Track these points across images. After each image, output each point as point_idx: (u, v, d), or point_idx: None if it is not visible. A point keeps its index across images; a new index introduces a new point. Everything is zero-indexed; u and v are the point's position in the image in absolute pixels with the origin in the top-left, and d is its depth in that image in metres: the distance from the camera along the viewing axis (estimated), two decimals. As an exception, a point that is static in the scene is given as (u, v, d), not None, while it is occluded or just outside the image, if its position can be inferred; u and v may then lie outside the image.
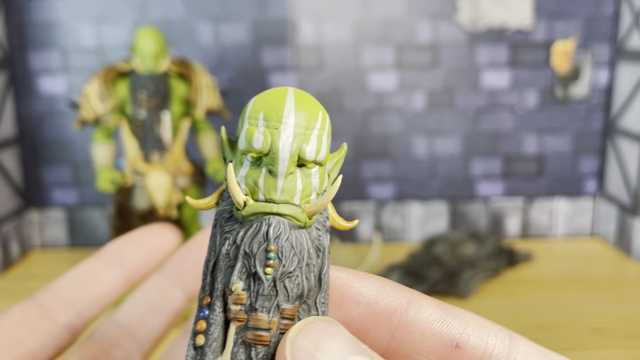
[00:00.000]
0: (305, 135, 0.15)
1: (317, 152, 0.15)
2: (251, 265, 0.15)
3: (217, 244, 0.15)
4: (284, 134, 0.15)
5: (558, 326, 0.68)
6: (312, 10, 0.89)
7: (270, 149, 0.15)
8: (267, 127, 0.15)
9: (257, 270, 0.15)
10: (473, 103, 0.93)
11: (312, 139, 0.15)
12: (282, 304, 0.15)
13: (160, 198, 0.68)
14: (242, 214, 0.15)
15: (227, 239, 0.15)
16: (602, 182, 0.97)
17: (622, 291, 0.78)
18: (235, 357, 0.14)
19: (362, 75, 0.91)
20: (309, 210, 0.15)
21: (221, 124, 0.91)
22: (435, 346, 0.15)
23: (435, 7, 0.89)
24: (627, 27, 0.89)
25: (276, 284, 0.15)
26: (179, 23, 0.89)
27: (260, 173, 0.15)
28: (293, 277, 0.15)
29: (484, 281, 0.81)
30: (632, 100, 0.88)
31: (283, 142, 0.15)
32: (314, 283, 0.15)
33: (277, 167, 0.15)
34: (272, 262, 0.15)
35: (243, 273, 0.15)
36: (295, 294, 0.15)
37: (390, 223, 0.97)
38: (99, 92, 0.67)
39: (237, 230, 0.15)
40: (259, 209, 0.15)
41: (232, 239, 0.15)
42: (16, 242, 0.90)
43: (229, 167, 0.15)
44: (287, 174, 0.15)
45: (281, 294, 0.15)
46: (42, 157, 0.93)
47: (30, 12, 0.88)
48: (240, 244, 0.15)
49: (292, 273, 0.15)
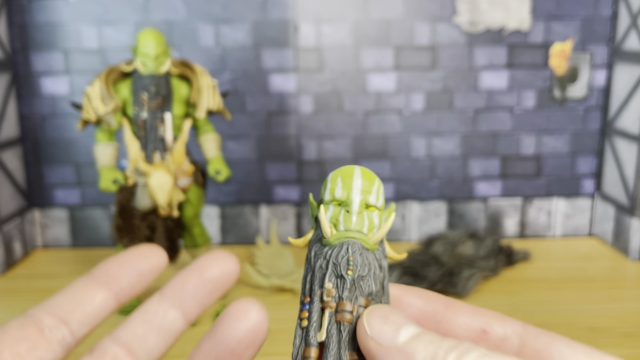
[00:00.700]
0: (368, 191, 0.24)
1: (376, 200, 0.23)
2: (338, 270, 0.22)
3: (312, 262, 0.23)
4: (355, 189, 0.23)
5: (556, 325, 0.68)
6: (312, 12, 0.89)
7: (347, 197, 0.23)
8: (344, 185, 0.23)
9: (342, 273, 0.22)
10: (472, 104, 0.94)
11: (373, 192, 0.24)
12: (359, 297, 0.22)
13: (162, 198, 0.69)
14: (329, 240, 0.23)
15: (319, 257, 0.23)
16: (599, 182, 0.98)
17: (620, 290, 0.78)
18: (330, 332, 0.22)
19: (362, 76, 0.92)
20: (374, 238, 0.23)
21: (222, 125, 0.92)
22: (468, 332, 0.22)
23: (434, 9, 0.90)
24: (625, 28, 0.90)
25: (355, 282, 0.22)
26: (180, 25, 0.89)
27: (340, 213, 0.23)
28: (365, 279, 0.22)
29: (483, 280, 0.81)
30: (629, 101, 0.89)
31: (355, 193, 0.23)
32: (379, 287, 0.23)
33: (352, 208, 0.23)
34: (352, 267, 0.22)
35: (332, 276, 0.22)
36: (367, 291, 0.22)
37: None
38: (101, 93, 0.67)
39: (326, 251, 0.23)
40: (341, 235, 0.22)
41: (323, 256, 0.23)
42: (19, 241, 0.90)
43: (321, 210, 0.23)
44: (358, 212, 0.23)
45: (358, 289, 0.22)
46: (45, 157, 0.93)
47: (33, 14, 0.89)
48: (329, 258, 0.22)
49: (364, 277, 0.22)
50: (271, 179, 0.95)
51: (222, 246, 0.97)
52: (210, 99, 0.71)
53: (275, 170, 0.95)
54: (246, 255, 0.92)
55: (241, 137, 0.93)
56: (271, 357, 0.62)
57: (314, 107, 0.93)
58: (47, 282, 0.82)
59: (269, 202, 0.96)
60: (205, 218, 0.95)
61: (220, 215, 0.96)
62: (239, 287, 0.80)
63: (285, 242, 0.97)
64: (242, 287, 0.80)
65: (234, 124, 0.93)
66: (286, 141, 0.94)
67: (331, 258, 0.23)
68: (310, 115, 0.93)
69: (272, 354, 0.63)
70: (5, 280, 0.84)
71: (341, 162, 0.95)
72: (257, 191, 0.95)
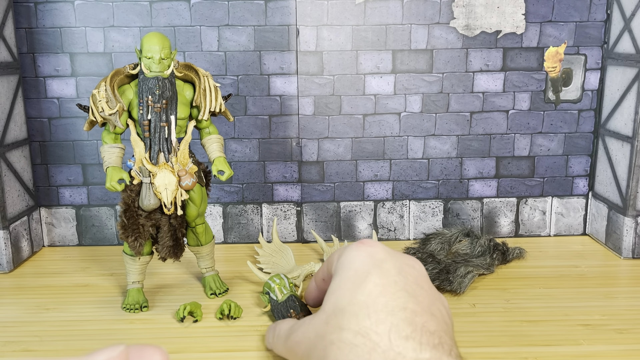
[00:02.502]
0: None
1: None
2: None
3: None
4: None
5: (549, 321, 0.69)
6: (313, 17, 0.91)
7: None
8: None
9: None
10: (467, 106, 0.95)
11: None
12: None
13: (166, 197, 0.70)
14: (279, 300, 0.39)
15: None
16: (593, 182, 0.99)
17: (612, 288, 0.79)
18: None
19: (361, 79, 0.93)
20: None
21: (225, 126, 0.93)
22: None
23: (432, 14, 0.92)
24: (618, 31, 0.91)
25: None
26: (184, 29, 0.91)
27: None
28: None
29: (478, 277, 0.82)
30: (621, 102, 0.90)
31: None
32: None
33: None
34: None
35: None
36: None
37: (387, 222, 0.99)
38: (106, 95, 0.68)
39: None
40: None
41: None
42: (26, 240, 0.92)
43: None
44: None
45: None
46: (52, 157, 0.95)
47: (39, 17, 0.90)
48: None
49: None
50: (272, 179, 0.97)
51: (225, 244, 0.98)
52: (213, 101, 0.72)
53: (276, 170, 0.96)
54: (248, 252, 0.94)
55: (243, 138, 0.95)
56: (270, 353, 0.64)
57: (314, 109, 0.94)
58: (54, 280, 0.84)
59: (270, 202, 0.97)
60: (209, 217, 0.97)
61: (223, 214, 0.98)
62: (242, 284, 0.82)
63: (287, 240, 0.99)
64: (244, 284, 0.82)
65: (237, 126, 0.94)
66: (287, 142, 0.95)
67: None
68: (311, 117, 0.94)
69: (271, 350, 0.64)
70: (13, 277, 0.85)
71: (341, 162, 0.96)
72: (259, 191, 0.97)
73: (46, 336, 0.67)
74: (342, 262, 0.52)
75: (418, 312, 0.45)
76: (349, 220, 0.98)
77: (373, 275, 0.48)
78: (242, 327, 0.69)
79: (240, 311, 0.71)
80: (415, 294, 0.47)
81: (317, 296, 0.61)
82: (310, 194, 0.97)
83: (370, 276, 0.48)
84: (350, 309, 0.46)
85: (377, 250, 0.51)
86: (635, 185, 0.88)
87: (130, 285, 0.75)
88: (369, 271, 0.48)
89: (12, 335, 0.67)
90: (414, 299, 0.46)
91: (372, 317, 0.45)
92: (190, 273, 0.86)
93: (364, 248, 0.52)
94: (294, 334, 0.52)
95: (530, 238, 1.00)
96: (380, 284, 0.47)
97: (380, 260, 0.50)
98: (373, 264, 0.49)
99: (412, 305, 0.46)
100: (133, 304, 0.73)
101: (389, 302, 0.45)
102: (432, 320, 0.45)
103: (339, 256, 0.53)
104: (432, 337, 0.43)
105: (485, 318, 0.71)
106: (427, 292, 0.49)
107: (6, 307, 0.75)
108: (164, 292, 0.79)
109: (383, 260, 0.50)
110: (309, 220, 0.98)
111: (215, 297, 0.77)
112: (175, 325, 0.69)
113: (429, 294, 0.48)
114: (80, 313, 0.73)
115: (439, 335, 0.44)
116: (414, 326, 0.44)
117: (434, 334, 0.44)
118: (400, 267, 0.49)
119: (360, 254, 0.51)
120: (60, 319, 0.71)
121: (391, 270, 0.49)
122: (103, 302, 0.76)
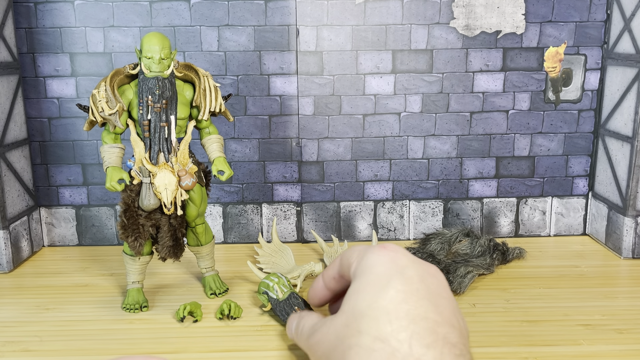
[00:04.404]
0: None
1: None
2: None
3: None
4: None
5: (549, 321, 0.69)
6: (313, 17, 0.91)
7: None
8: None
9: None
10: (467, 106, 0.95)
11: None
12: None
13: (166, 197, 0.70)
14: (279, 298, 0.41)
15: None
16: (592, 182, 0.99)
17: (612, 288, 0.79)
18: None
19: (361, 79, 0.94)
20: None
21: (225, 126, 0.93)
22: None
23: (432, 14, 0.92)
24: (618, 32, 0.91)
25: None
26: (184, 29, 0.91)
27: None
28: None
29: (478, 277, 0.82)
30: (621, 102, 0.91)
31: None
32: None
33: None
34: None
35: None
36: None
37: (387, 222, 0.99)
38: (106, 95, 0.68)
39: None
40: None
41: None
42: (26, 240, 0.92)
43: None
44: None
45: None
46: (52, 157, 0.95)
47: (39, 17, 0.90)
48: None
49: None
50: (272, 179, 0.97)
51: (225, 244, 0.98)
52: (213, 101, 0.72)
53: (276, 170, 0.96)
54: (248, 252, 0.94)
55: (243, 138, 0.95)
56: (271, 353, 0.64)
57: (314, 109, 0.94)
58: (54, 280, 0.84)
59: (270, 202, 0.97)
60: (209, 217, 0.97)
61: (223, 214, 0.98)
62: (242, 284, 0.82)
63: (286, 240, 0.99)
64: (244, 284, 0.82)
65: (237, 126, 0.95)
66: (287, 142, 0.95)
67: None
68: (311, 117, 0.94)
69: (271, 349, 0.64)
70: (13, 277, 0.85)
71: (341, 162, 0.96)
72: (259, 191, 0.97)
73: (46, 336, 0.67)
74: (364, 266, 0.51)
75: (440, 323, 0.45)
76: (349, 220, 0.98)
77: (395, 281, 0.47)
78: (242, 327, 0.69)
79: (240, 311, 0.71)
80: (437, 303, 0.47)
81: (325, 295, 0.60)
82: (310, 194, 0.97)
83: (392, 282, 0.47)
84: (370, 313, 0.46)
85: (399, 256, 0.50)
86: (635, 185, 0.88)
87: (130, 285, 0.75)
88: (391, 276, 0.48)
89: (12, 335, 0.67)
90: (435, 308, 0.46)
91: (394, 323, 0.44)
92: (190, 273, 0.86)
93: (386, 253, 0.51)
94: (315, 333, 0.52)
95: (530, 238, 1.00)
96: (402, 290, 0.47)
97: (403, 267, 0.49)
98: (395, 269, 0.48)
99: (433, 315, 0.45)
100: (133, 304, 0.73)
101: (410, 310, 0.45)
102: (453, 331, 0.45)
103: (360, 259, 0.52)
104: (454, 348, 0.43)
105: (485, 318, 0.71)
106: (448, 302, 0.48)
107: (6, 307, 0.75)
108: (164, 292, 0.79)
109: (405, 267, 0.49)
110: (308, 220, 0.98)
111: (215, 297, 0.77)
112: (175, 325, 0.69)
113: (450, 304, 0.48)
114: (80, 313, 0.73)
115: (459, 347, 0.44)
116: (435, 336, 0.44)
117: (455, 346, 0.44)
118: (422, 276, 0.49)
119: (382, 259, 0.50)
120: (60, 319, 0.71)
121: (414, 277, 0.48)
122: (103, 302, 0.76)
